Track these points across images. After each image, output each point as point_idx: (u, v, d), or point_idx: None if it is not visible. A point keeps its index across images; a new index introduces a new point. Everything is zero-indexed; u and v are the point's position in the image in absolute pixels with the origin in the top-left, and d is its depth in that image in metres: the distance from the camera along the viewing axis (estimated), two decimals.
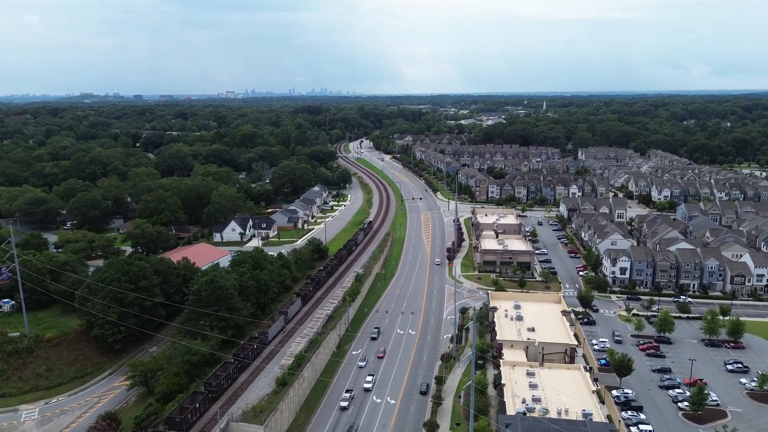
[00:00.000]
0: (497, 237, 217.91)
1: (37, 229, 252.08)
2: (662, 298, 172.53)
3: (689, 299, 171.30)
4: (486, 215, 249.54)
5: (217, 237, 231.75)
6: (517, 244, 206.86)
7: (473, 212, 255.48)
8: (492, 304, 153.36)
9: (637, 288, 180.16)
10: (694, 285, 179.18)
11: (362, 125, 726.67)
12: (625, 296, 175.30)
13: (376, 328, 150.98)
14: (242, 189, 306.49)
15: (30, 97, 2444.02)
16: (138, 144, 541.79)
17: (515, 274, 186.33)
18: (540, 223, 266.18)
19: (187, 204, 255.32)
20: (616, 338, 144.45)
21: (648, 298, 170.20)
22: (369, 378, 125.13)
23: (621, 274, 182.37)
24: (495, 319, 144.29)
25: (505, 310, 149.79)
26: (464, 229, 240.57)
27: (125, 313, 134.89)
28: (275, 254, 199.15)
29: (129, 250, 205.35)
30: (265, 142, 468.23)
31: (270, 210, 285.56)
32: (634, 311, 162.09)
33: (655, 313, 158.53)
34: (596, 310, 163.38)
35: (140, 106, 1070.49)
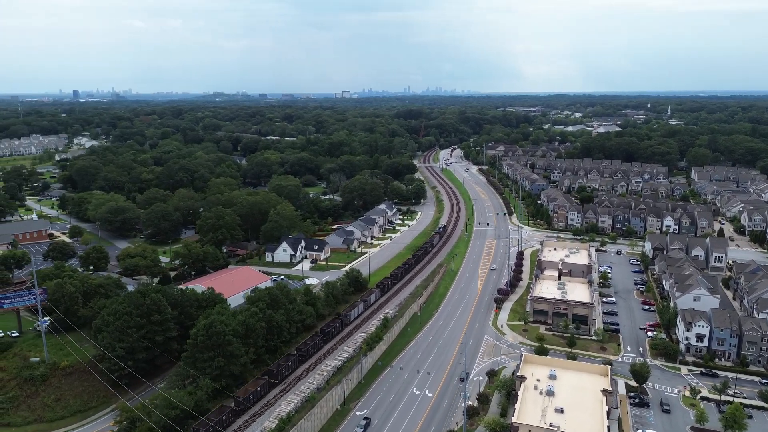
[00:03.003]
0: (560, 278, 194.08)
1: (116, 237, 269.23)
2: (746, 377, 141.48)
3: None
4: (555, 249, 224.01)
5: (269, 257, 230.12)
6: (578, 291, 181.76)
7: (542, 244, 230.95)
8: (523, 370, 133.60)
9: (717, 360, 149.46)
10: None
11: (459, 131, 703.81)
12: (699, 370, 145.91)
13: (365, 419, 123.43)
14: (312, 203, 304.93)
15: (172, 95, 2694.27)
16: (239, 148, 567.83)
17: (567, 329, 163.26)
18: (619, 252, 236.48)
19: (249, 219, 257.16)
20: None
21: (725, 375, 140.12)
22: None
23: (697, 341, 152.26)
24: (520, 392, 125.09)
25: (537, 380, 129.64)
26: (526, 265, 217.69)
27: (134, 347, 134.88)
28: (313, 282, 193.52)
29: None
30: (353, 150, 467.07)
31: (334, 226, 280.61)
32: (702, 393, 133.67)
33: (731, 399, 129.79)
34: (667, 410, 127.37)
35: (253, 107, 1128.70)
